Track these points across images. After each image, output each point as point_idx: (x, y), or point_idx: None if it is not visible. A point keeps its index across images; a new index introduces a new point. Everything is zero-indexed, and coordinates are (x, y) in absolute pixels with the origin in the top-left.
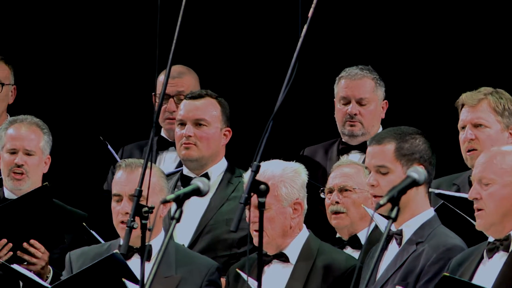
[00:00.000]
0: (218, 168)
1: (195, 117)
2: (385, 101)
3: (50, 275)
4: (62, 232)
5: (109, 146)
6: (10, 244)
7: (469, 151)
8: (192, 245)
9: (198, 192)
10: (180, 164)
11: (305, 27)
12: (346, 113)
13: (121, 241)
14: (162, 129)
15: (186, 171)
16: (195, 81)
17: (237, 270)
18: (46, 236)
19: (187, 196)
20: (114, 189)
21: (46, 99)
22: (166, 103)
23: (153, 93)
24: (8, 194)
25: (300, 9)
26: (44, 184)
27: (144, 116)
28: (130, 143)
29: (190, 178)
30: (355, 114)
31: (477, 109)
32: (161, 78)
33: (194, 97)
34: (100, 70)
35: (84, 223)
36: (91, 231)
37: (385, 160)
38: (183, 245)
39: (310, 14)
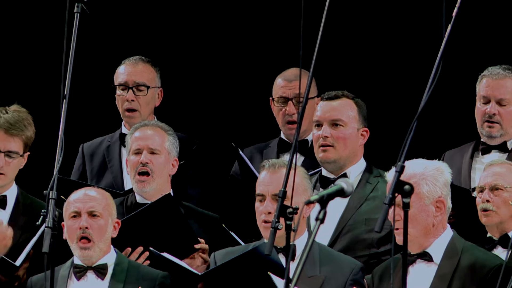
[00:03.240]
0: (356, 169)
1: (332, 118)
2: None
3: None
4: (195, 238)
5: (240, 152)
6: (147, 253)
7: None
8: (331, 245)
9: (342, 193)
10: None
11: (449, 26)
12: (485, 112)
13: (264, 241)
14: (282, 132)
15: (325, 172)
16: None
17: None
18: (180, 243)
19: (330, 197)
20: (257, 189)
21: (192, 102)
22: (285, 106)
23: (270, 98)
24: (140, 199)
25: (444, 8)
26: (167, 193)
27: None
28: (250, 145)
29: (329, 179)
30: (494, 114)
31: None
32: (279, 81)
33: (330, 98)
34: (235, 73)
35: (223, 225)
36: (230, 232)
37: None
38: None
39: (454, 14)
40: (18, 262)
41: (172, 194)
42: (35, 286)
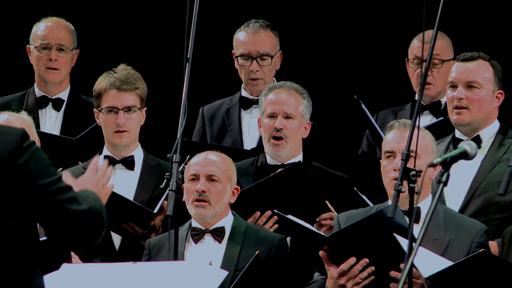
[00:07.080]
0: (490, 130)
1: (467, 80)
2: None
3: None
4: (323, 206)
5: (362, 105)
6: (275, 217)
7: None
8: (463, 208)
9: (465, 156)
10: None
11: None
12: None
13: (389, 202)
14: (416, 93)
15: (458, 134)
16: (447, 45)
17: None
18: (306, 210)
19: (454, 159)
20: (386, 147)
21: (308, 64)
22: (419, 67)
23: (406, 59)
24: (270, 160)
25: None
26: (297, 161)
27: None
28: (383, 108)
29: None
30: None
31: None
32: (415, 43)
33: (466, 59)
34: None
35: (355, 187)
36: (361, 195)
37: None
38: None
39: None
40: (155, 210)
41: (303, 157)
42: (153, 248)
